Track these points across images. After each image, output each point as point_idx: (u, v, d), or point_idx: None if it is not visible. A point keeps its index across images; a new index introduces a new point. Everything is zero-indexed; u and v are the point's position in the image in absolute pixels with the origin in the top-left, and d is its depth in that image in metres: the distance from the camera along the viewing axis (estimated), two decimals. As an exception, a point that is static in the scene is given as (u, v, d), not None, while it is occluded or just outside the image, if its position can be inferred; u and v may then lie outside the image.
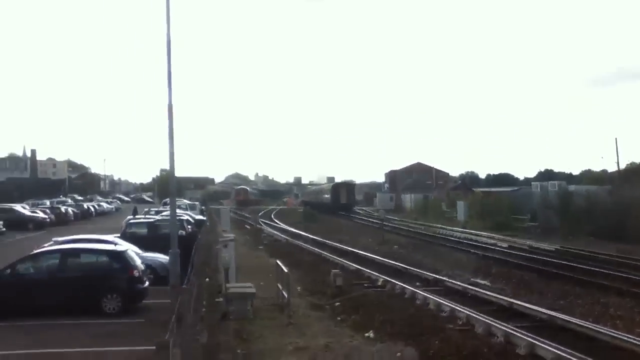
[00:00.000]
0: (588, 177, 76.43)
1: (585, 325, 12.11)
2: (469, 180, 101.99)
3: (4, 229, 34.42)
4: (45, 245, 18.28)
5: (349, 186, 65.05)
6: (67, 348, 11.30)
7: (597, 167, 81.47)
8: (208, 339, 11.91)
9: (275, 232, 40.06)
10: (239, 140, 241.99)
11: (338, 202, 58.89)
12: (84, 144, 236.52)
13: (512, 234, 35.75)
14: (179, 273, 14.09)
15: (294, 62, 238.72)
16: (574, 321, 12.46)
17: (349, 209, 54.31)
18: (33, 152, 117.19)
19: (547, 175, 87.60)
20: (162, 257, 18.18)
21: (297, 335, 12.45)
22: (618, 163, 58.82)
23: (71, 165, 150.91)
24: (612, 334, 11.31)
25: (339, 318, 14.25)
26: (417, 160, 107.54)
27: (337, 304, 15.62)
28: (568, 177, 78.24)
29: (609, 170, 64.31)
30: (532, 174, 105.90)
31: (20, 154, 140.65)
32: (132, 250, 16.35)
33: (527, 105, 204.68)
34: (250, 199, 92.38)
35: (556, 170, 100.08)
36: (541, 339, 10.73)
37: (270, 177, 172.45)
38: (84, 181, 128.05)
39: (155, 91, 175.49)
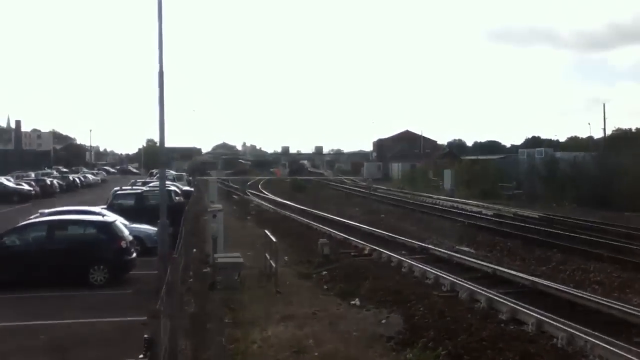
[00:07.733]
0: (574, 143, 77.02)
1: (565, 290, 12.39)
2: (457, 148, 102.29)
3: (-11, 202, 34.09)
4: (32, 217, 18.15)
5: (299, 162, 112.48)
6: (56, 320, 11.38)
7: (584, 134, 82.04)
8: (196, 308, 12.07)
9: (263, 202, 40.12)
10: (226, 110, 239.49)
11: (293, 171, 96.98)
12: (70, 114, 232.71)
13: (498, 202, 36.12)
14: (168, 244, 14.11)
15: (283, 30, 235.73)
16: (555, 287, 12.73)
17: (300, 174, 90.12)
18: (18, 123, 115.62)
19: (534, 142, 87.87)
20: (150, 228, 18.22)
21: (284, 304, 12.60)
22: (604, 129, 59.10)
23: (56, 136, 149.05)
24: (591, 299, 11.60)
25: (325, 287, 14.42)
26: (406, 128, 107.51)
27: (324, 272, 15.78)
28: (555, 144, 78.61)
29: (595, 137, 64.84)
30: (519, 141, 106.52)
31: (4, 125, 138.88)
32: (119, 222, 16.35)
33: (515, 72, 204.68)
34: (243, 169, 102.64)
35: (543, 137, 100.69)
36: (522, 304, 10.97)
37: (258, 147, 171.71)
38: (69, 152, 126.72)
39: (143, 58, 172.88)
